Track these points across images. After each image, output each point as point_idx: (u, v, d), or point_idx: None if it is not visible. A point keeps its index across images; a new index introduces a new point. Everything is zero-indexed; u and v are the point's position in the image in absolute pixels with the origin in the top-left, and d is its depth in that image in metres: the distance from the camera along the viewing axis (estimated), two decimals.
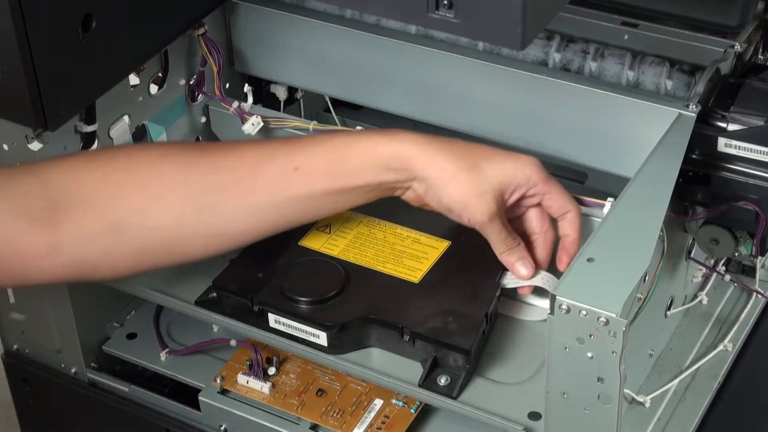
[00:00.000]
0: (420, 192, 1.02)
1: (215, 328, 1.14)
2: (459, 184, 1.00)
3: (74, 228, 0.99)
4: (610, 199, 1.04)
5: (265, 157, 1.02)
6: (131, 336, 1.17)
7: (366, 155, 1.01)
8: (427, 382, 1.02)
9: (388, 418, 1.06)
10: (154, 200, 1.01)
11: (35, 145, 1.04)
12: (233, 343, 1.12)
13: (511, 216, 1.05)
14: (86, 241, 1.00)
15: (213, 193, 1.01)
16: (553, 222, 1.05)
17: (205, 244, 1.03)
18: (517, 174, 1.02)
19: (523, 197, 1.03)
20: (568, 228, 1.03)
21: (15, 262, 0.99)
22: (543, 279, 1.04)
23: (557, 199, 1.03)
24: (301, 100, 1.31)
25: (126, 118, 1.13)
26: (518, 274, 1.04)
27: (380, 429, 1.05)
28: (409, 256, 1.08)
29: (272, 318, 1.06)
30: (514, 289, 1.06)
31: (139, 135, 1.16)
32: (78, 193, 1.00)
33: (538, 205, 1.04)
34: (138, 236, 1.01)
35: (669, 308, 1.10)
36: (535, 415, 1.00)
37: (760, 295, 1.19)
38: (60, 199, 0.99)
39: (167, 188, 1.01)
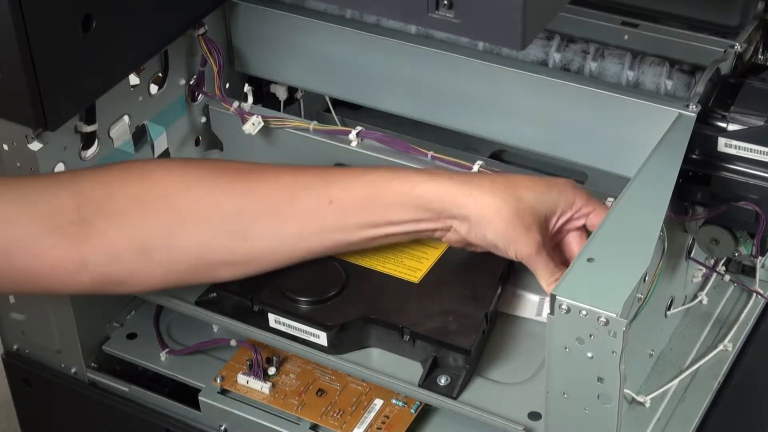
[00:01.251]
0: (462, 232, 1.01)
1: (215, 328, 1.14)
2: (504, 219, 0.99)
3: (102, 245, 0.99)
4: (610, 199, 1.04)
5: (300, 185, 1.01)
6: (131, 336, 1.17)
7: (404, 194, 1.00)
8: (427, 382, 1.02)
9: (388, 418, 1.06)
10: (185, 224, 1.00)
11: (35, 145, 1.04)
12: (233, 343, 1.12)
13: (552, 243, 1.03)
14: (113, 259, 1.00)
15: (246, 219, 1.01)
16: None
17: (233, 269, 1.03)
18: (560, 201, 1.00)
19: (567, 221, 1.02)
20: None
21: (43, 276, 1.00)
22: None
23: (603, 216, 1.00)
24: (301, 100, 1.31)
25: (126, 118, 1.13)
26: None
27: (380, 429, 1.05)
28: (409, 256, 1.08)
29: (272, 318, 1.06)
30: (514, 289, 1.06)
31: (139, 135, 1.15)
32: (109, 209, 1.00)
33: (578, 228, 1.03)
34: (165, 258, 1.01)
35: (669, 308, 1.10)
36: (535, 415, 1.00)
37: (760, 296, 1.19)
38: (91, 214, 0.99)
39: (199, 213, 1.01)
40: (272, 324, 1.06)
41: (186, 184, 1.01)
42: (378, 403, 1.07)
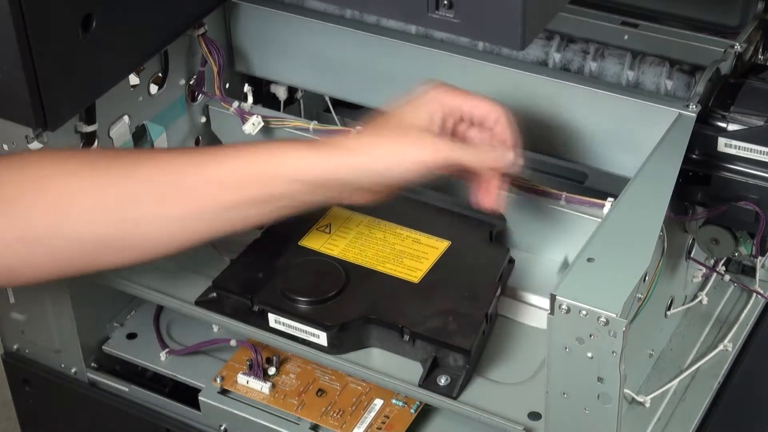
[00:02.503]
0: (356, 180, 0.98)
1: (215, 328, 1.14)
2: (376, 135, 0.98)
3: None
4: (610, 199, 1.04)
5: (179, 167, 1.00)
6: (131, 336, 1.17)
7: (280, 165, 0.99)
8: (427, 382, 1.02)
9: (388, 418, 1.06)
10: (68, 212, 0.99)
11: (35, 145, 1.04)
12: (233, 343, 1.12)
13: None
14: (1, 247, 0.99)
15: (128, 204, 0.99)
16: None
17: (126, 255, 1.01)
18: (421, 104, 0.99)
19: (456, 126, 1.01)
20: (504, 134, 1.00)
21: None
22: None
23: (479, 105, 1.00)
24: (301, 100, 1.31)
25: (126, 118, 1.13)
26: (508, 157, 0.99)
27: (380, 429, 1.05)
28: (409, 256, 1.08)
29: (272, 318, 1.06)
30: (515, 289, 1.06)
31: (139, 135, 1.16)
32: (1, 196, 0.99)
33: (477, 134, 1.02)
34: (53, 246, 0.99)
35: (669, 308, 1.10)
36: (535, 415, 1.00)
37: (760, 296, 1.19)
38: None
39: (81, 200, 0.99)
40: (272, 324, 1.06)
41: (67, 173, 1.00)
42: (378, 403, 1.07)
